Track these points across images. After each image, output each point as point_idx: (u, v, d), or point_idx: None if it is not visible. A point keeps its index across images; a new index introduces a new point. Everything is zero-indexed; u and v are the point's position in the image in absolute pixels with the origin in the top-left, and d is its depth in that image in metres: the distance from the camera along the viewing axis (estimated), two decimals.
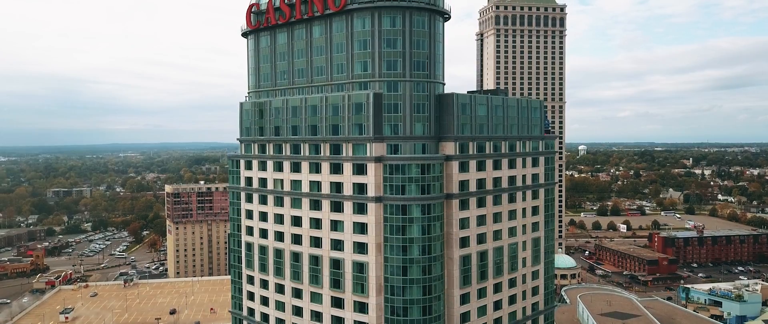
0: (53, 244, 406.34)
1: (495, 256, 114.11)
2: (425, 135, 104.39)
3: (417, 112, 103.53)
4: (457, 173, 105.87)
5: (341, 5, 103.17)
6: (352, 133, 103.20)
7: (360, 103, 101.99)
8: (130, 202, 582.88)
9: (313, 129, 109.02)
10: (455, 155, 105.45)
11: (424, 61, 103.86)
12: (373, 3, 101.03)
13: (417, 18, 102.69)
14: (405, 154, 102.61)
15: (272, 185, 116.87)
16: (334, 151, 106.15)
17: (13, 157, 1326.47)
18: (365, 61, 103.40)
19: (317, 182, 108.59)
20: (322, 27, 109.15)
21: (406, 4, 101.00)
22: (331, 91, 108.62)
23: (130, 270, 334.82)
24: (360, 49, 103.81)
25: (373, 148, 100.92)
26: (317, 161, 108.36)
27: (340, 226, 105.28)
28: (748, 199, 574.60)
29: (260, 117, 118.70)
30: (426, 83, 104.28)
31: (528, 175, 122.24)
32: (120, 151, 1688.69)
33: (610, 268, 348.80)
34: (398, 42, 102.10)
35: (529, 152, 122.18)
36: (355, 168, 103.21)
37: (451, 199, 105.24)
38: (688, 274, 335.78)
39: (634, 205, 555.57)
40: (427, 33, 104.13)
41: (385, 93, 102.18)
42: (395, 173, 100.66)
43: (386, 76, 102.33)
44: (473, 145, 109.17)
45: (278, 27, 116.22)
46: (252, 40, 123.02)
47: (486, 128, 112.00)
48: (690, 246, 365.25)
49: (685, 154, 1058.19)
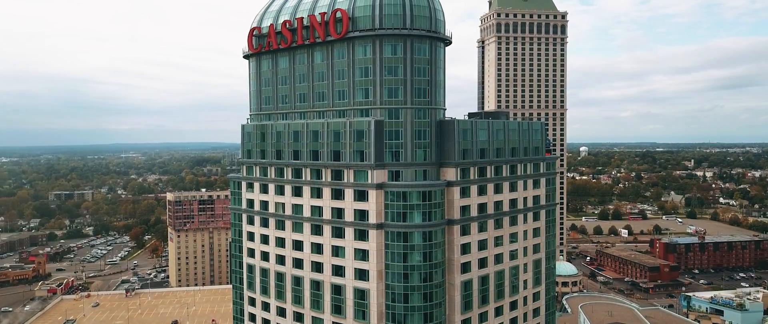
0: (55, 249, 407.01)
1: (496, 280, 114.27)
2: (426, 161, 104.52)
3: (418, 138, 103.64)
4: (458, 199, 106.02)
5: (343, 33, 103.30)
6: (353, 160, 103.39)
7: (361, 130, 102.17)
8: (132, 205, 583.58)
9: (314, 154, 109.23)
10: (456, 181, 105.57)
11: (425, 87, 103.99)
12: (375, 31, 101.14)
13: (418, 45, 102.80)
14: (406, 180, 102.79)
15: (273, 208, 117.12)
16: (335, 176, 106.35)
17: (15, 158, 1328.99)
18: (367, 88, 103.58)
19: (318, 207, 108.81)
20: (324, 52, 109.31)
21: (407, 33, 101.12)
22: (333, 117, 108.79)
23: (132, 277, 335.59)
24: (361, 77, 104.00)
25: (375, 175, 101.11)
26: (319, 186, 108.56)
27: (342, 251, 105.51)
28: (750, 203, 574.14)
29: (262, 140, 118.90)
30: (427, 110, 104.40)
31: (529, 197, 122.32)
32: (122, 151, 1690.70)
33: (611, 275, 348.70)
34: (399, 69, 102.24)
35: (530, 174, 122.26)
36: (356, 194, 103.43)
37: (453, 224, 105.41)
38: (689, 280, 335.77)
39: (635, 209, 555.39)
40: (429, 60, 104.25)
41: (386, 120, 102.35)
42: (396, 200, 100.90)
43: (387, 103, 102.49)
44: (474, 169, 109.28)
45: (280, 51, 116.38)
46: (254, 62, 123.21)
47: (487, 152, 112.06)
48: (691, 252, 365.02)
49: (687, 155, 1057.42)
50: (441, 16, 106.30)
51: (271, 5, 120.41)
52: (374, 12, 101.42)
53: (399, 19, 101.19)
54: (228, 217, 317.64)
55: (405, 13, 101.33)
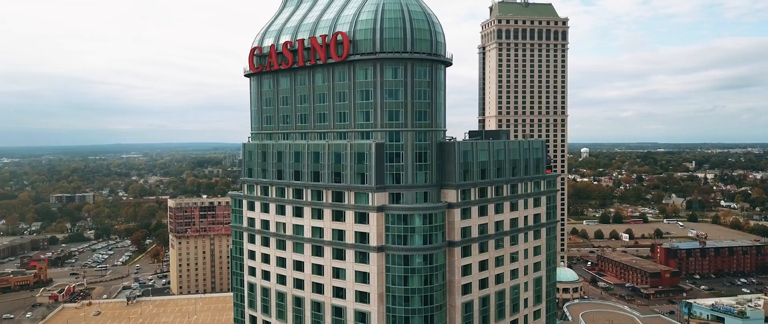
0: (56, 254, 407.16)
1: (497, 300, 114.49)
2: (427, 183, 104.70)
3: (419, 160, 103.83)
4: (459, 220, 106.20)
5: (344, 56, 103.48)
6: (354, 182, 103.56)
7: (362, 153, 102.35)
8: (133, 208, 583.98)
9: (315, 175, 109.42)
10: (457, 202, 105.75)
11: (425, 110, 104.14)
12: (375, 55, 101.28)
13: (418, 69, 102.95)
14: (407, 202, 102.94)
15: (274, 228, 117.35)
16: (336, 198, 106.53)
17: (16, 158, 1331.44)
18: (367, 111, 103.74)
19: (319, 228, 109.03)
20: (325, 74, 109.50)
21: (408, 56, 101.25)
22: (334, 138, 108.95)
23: (133, 283, 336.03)
24: (362, 99, 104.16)
25: (375, 198, 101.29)
26: (319, 207, 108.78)
27: (343, 273, 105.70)
28: (751, 206, 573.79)
29: (263, 159, 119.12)
30: (428, 132, 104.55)
31: (529, 215, 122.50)
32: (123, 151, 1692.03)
33: (612, 280, 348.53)
34: (400, 93, 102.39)
35: (530, 193, 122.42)
36: (357, 216, 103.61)
37: (454, 246, 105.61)
38: (690, 286, 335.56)
39: (636, 213, 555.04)
40: (429, 82, 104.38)
41: (387, 142, 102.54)
42: (397, 223, 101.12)
43: (388, 126, 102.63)
44: (475, 190, 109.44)
45: (281, 71, 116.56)
46: (255, 81, 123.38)
47: (488, 173, 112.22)
48: (692, 257, 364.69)
49: (688, 157, 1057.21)
50: (441, 39, 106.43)
51: (271, 25, 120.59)
52: (375, 35, 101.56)
53: (399, 42, 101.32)
54: (229, 223, 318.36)
55: (405, 36, 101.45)
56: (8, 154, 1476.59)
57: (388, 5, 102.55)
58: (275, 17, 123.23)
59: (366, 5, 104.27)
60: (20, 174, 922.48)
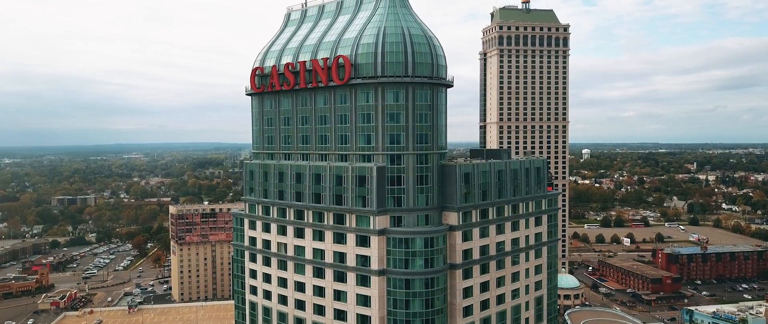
0: (58, 259, 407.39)
1: (498, 321, 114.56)
2: (428, 206, 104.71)
3: (420, 183, 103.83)
4: (460, 243, 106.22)
5: (345, 79, 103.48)
6: (355, 205, 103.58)
7: (364, 176, 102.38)
8: (135, 211, 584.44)
9: (316, 197, 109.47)
10: (458, 225, 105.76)
11: (427, 133, 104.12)
12: (377, 79, 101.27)
13: (420, 92, 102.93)
14: (408, 225, 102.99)
15: (276, 248, 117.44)
16: (337, 220, 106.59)
17: (18, 158, 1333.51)
18: (369, 134, 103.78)
19: (321, 250, 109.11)
20: (327, 96, 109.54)
21: (409, 80, 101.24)
22: (335, 160, 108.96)
23: (135, 289, 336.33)
24: (363, 123, 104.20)
25: (377, 221, 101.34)
26: (321, 229, 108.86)
27: (344, 296, 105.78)
28: (752, 208, 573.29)
29: (265, 179, 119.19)
30: (429, 155, 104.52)
31: (531, 235, 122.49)
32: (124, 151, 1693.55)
33: (613, 286, 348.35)
34: (401, 116, 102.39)
35: (532, 212, 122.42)
36: (358, 239, 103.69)
37: (455, 269, 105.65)
38: (692, 292, 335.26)
39: (637, 216, 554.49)
40: (430, 106, 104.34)
41: (388, 166, 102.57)
42: (399, 246, 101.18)
43: (389, 150, 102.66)
44: (476, 212, 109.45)
45: (282, 92, 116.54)
46: (256, 100, 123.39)
47: (489, 194, 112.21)
48: (694, 262, 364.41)
49: (689, 158, 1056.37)
50: (442, 62, 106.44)
51: (273, 45, 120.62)
52: (376, 59, 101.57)
53: (401, 66, 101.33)
54: (230, 230, 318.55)
55: (407, 60, 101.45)
56: (10, 154, 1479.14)
57: (389, 29, 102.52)
58: (277, 37, 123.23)
59: (367, 28, 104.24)
60: (22, 175, 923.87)
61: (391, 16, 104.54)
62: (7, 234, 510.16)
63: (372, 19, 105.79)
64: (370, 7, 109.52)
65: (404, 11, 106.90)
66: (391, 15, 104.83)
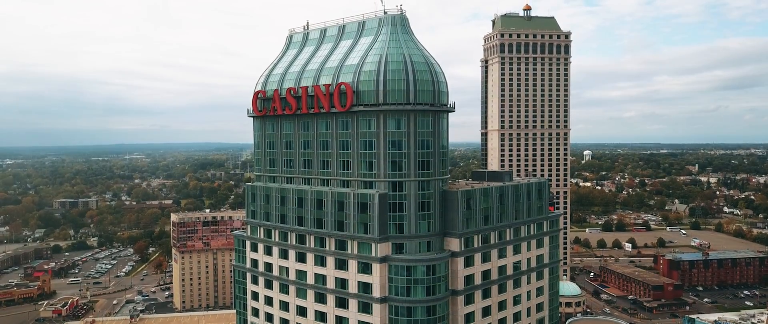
0: (59, 264, 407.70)
1: None
2: (430, 232, 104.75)
3: (421, 210, 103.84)
4: (462, 268, 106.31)
5: (347, 106, 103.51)
6: (357, 232, 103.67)
7: (365, 203, 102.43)
8: (136, 214, 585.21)
9: (318, 222, 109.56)
10: (460, 251, 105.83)
11: (428, 159, 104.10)
12: (378, 107, 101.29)
13: (421, 119, 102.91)
14: (410, 252, 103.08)
15: (277, 272, 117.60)
16: (339, 246, 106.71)
17: (20, 159, 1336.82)
18: (371, 161, 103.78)
19: (322, 275, 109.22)
20: (329, 122, 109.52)
21: (411, 108, 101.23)
22: (337, 186, 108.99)
23: (136, 296, 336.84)
24: (365, 149, 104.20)
25: (378, 249, 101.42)
26: (322, 254, 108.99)
27: (346, 322, 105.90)
28: (754, 212, 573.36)
29: (267, 202, 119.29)
30: (431, 181, 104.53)
31: (532, 257, 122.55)
32: (126, 151, 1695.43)
33: (615, 292, 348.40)
34: (403, 143, 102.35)
35: (533, 235, 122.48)
36: (360, 266, 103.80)
37: (457, 295, 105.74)
38: (693, 299, 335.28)
39: (639, 220, 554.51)
40: (432, 132, 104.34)
41: (389, 193, 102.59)
42: (400, 274, 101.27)
43: (391, 176, 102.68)
44: (478, 237, 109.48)
45: (285, 116, 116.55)
46: (258, 122, 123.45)
47: (491, 219, 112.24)
48: (695, 269, 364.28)
49: (691, 159, 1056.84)
50: (444, 88, 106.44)
51: (274, 68, 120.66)
52: (378, 87, 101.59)
53: (402, 94, 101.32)
54: (232, 238, 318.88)
55: (408, 88, 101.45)
56: (12, 155, 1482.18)
57: (391, 56, 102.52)
58: (279, 59, 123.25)
59: (369, 55, 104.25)
60: (23, 176, 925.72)
61: (393, 43, 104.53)
62: (9, 238, 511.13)
63: (374, 46, 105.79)
64: (372, 33, 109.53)
65: (406, 37, 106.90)
66: (393, 41, 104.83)
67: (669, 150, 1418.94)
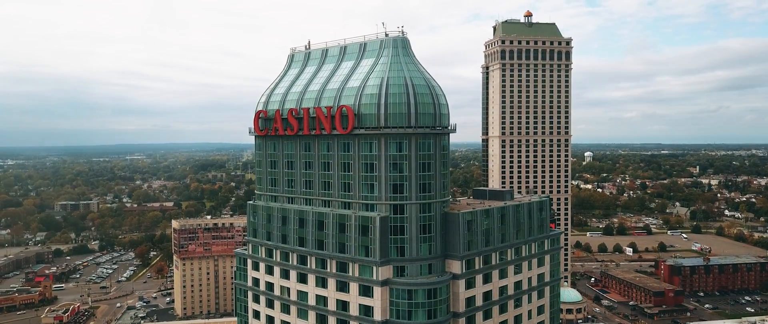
0: (61, 269, 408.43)
1: None
2: (431, 255, 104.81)
3: (423, 233, 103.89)
4: (463, 291, 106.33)
5: (349, 129, 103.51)
6: (358, 254, 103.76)
7: (367, 226, 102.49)
8: (137, 217, 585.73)
9: (319, 243, 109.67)
10: (462, 274, 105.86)
11: (430, 182, 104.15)
12: (380, 130, 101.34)
13: (422, 142, 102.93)
14: (411, 275, 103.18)
15: (279, 292, 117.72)
16: (340, 268, 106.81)
17: (21, 159, 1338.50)
18: (372, 184, 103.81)
19: (324, 297, 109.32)
20: (330, 144, 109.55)
21: (412, 131, 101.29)
22: (338, 207, 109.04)
23: (138, 302, 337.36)
24: (366, 172, 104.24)
25: (380, 272, 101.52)
26: (323, 276, 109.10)
27: None
28: (755, 215, 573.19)
29: (268, 221, 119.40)
30: (432, 204, 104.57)
31: (533, 277, 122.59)
32: (127, 152, 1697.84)
33: (616, 298, 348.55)
34: (404, 166, 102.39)
35: (534, 254, 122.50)
36: (361, 289, 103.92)
37: (458, 317, 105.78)
38: (694, 304, 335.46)
39: (640, 223, 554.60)
40: (433, 155, 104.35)
41: (391, 215, 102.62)
42: (402, 297, 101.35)
43: (392, 199, 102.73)
44: (479, 259, 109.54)
45: (286, 137, 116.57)
46: (260, 141, 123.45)
47: (492, 240, 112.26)
48: (696, 274, 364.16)
49: (692, 160, 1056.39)
50: (445, 110, 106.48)
51: (276, 88, 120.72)
52: (379, 110, 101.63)
53: (403, 117, 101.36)
54: (232, 241, 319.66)
55: (409, 111, 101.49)
56: (13, 155, 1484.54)
57: (392, 79, 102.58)
58: (280, 78, 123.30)
59: (370, 79, 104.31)
60: (25, 178, 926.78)
61: (394, 66, 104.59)
62: (10, 241, 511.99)
63: (375, 69, 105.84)
64: (373, 55, 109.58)
65: (407, 59, 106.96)
66: (394, 64, 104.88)
67: (670, 150, 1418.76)
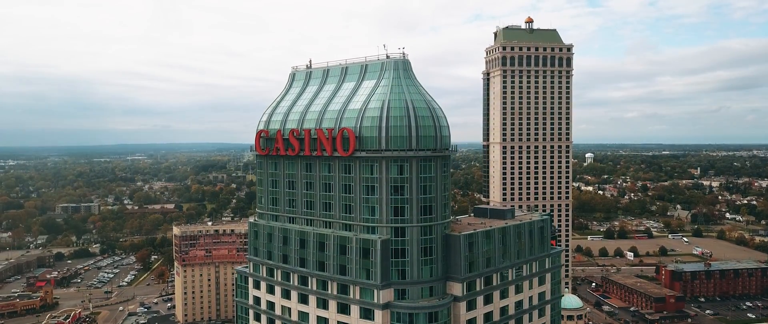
0: (62, 273, 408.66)
1: None
2: (433, 277, 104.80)
3: (424, 255, 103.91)
4: (464, 313, 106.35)
5: (350, 151, 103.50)
6: (359, 277, 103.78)
7: (368, 249, 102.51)
8: (138, 219, 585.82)
9: (320, 265, 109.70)
10: (463, 296, 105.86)
11: (431, 205, 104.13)
12: (381, 153, 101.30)
13: (423, 165, 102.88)
14: (412, 298, 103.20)
15: (280, 311, 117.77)
16: (341, 290, 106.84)
17: (22, 160, 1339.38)
18: (373, 206, 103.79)
19: (325, 318, 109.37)
20: (331, 165, 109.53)
21: (413, 154, 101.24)
22: (339, 229, 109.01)
23: (139, 307, 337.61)
24: (367, 194, 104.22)
25: (381, 296, 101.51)
26: (324, 297, 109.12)
27: None
28: (756, 218, 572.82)
29: (269, 240, 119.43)
30: (433, 226, 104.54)
31: (534, 295, 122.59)
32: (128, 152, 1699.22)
33: (617, 304, 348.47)
34: (405, 189, 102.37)
35: (535, 273, 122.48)
36: (362, 312, 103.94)
37: None
38: (695, 310, 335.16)
39: (641, 227, 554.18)
40: (434, 177, 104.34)
41: (392, 238, 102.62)
42: (403, 321, 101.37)
43: (393, 222, 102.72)
44: (480, 281, 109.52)
45: (288, 157, 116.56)
46: (261, 160, 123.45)
47: (493, 260, 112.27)
48: (697, 280, 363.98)
49: (693, 161, 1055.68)
50: (446, 132, 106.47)
51: (277, 108, 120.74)
52: (380, 133, 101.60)
53: (405, 140, 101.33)
54: (234, 251, 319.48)
55: (410, 134, 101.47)
56: (14, 155, 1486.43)
57: (393, 102, 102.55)
58: (281, 97, 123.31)
59: (371, 101, 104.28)
60: (26, 179, 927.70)
61: (395, 88, 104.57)
62: (12, 245, 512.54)
63: (376, 91, 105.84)
64: (374, 76, 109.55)
65: (408, 82, 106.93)
66: (395, 87, 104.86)
67: (671, 151, 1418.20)
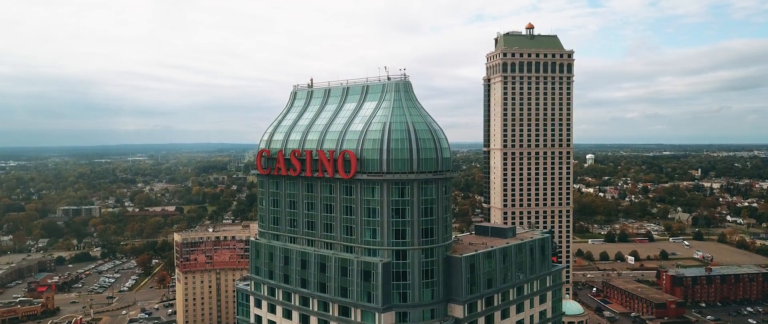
0: (63, 278, 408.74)
1: None
2: (434, 300, 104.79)
3: (425, 278, 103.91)
4: None
5: (351, 174, 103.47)
6: (360, 300, 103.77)
7: (369, 272, 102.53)
8: (139, 222, 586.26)
9: (322, 286, 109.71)
10: (464, 317, 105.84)
11: (432, 227, 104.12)
12: (382, 175, 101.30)
13: (425, 187, 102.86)
14: (413, 321, 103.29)
15: None
16: (342, 312, 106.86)
17: (23, 161, 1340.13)
18: (374, 229, 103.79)
19: None
20: (332, 186, 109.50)
21: (414, 177, 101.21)
22: (341, 250, 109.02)
23: (140, 313, 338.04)
24: (368, 217, 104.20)
25: (382, 319, 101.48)
26: (326, 319, 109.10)
27: None
28: (757, 221, 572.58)
29: (270, 260, 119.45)
30: (434, 249, 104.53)
31: (535, 314, 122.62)
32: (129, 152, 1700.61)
33: (617, 309, 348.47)
34: (406, 211, 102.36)
35: (536, 291, 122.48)
36: None
37: None
38: (696, 316, 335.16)
39: (642, 230, 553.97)
40: (435, 199, 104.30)
41: (393, 261, 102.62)
42: None
43: (395, 245, 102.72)
44: (482, 301, 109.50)
45: (289, 177, 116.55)
46: (263, 179, 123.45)
47: (494, 281, 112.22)
48: (698, 285, 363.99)
49: (694, 162, 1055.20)
50: (447, 154, 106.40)
51: (278, 127, 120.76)
52: (382, 156, 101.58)
53: (406, 163, 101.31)
54: (235, 258, 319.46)
55: (412, 157, 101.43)
56: (16, 156, 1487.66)
57: (394, 124, 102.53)
58: (283, 116, 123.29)
59: (373, 124, 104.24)
60: (27, 180, 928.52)
61: (396, 110, 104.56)
62: (13, 248, 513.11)
63: (377, 113, 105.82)
64: (375, 97, 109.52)
65: (409, 104, 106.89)
66: (396, 109, 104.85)
67: (672, 151, 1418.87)
